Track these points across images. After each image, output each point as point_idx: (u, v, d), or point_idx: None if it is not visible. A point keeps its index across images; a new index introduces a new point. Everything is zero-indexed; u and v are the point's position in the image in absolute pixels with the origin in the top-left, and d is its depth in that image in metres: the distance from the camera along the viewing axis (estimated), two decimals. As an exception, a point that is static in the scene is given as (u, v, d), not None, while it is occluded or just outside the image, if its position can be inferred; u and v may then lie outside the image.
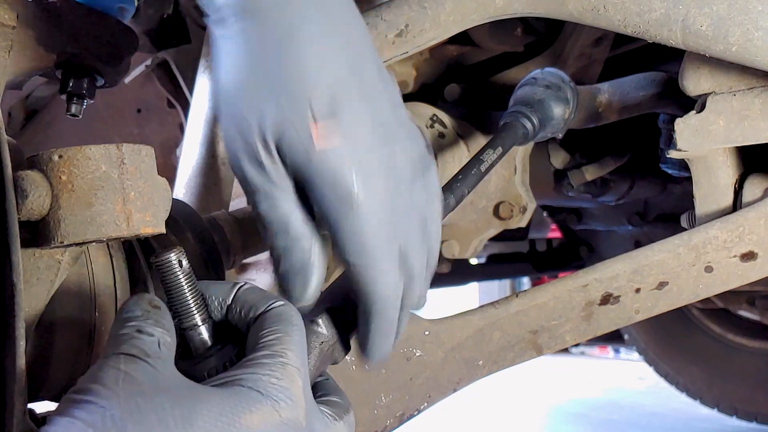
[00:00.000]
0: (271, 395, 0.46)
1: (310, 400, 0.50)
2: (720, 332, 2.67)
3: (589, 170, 1.67)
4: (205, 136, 1.04)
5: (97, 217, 0.52)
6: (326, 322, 0.60)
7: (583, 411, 3.52)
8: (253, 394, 0.45)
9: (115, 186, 0.52)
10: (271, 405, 0.45)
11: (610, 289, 0.94)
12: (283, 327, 0.50)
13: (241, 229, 0.91)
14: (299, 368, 0.49)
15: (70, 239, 0.52)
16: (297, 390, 0.47)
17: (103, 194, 0.52)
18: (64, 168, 0.51)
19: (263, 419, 0.44)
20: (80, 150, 0.52)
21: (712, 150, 0.94)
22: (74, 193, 0.51)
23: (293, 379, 0.48)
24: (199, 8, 0.55)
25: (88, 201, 0.52)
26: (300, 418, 0.47)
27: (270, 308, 0.52)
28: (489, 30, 1.31)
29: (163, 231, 0.56)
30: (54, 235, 0.52)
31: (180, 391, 0.44)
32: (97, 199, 0.52)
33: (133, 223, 0.53)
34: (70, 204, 0.52)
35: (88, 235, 0.52)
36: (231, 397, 0.45)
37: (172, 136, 1.62)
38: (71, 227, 0.51)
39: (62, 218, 0.51)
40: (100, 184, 0.52)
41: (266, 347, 0.49)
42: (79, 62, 0.83)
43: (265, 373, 0.47)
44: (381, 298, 0.56)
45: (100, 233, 0.52)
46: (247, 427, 0.44)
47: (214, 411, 0.43)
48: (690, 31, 0.81)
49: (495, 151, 0.94)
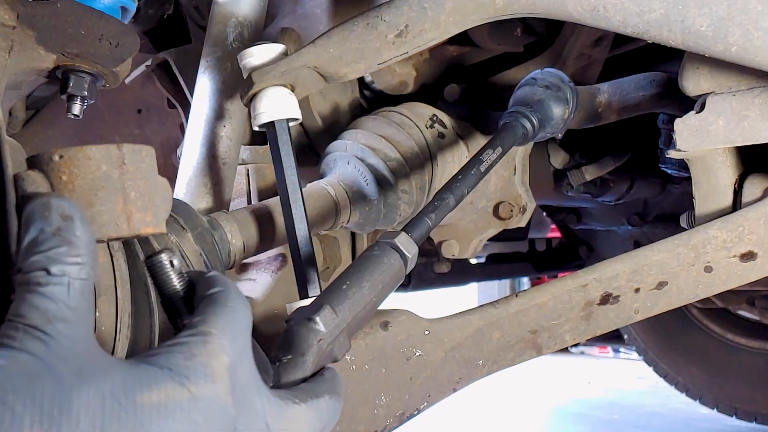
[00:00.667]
0: (181, 372, 0.44)
1: (247, 380, 0.49)
2: (720, 332, 2.67)
3: (589, 170, 1.67)
4: (205, 136, 1.04)
5: (98, 217, 0.52)
6: (325, 320, 0.60)
7: (583, 411, 3.52)
8: (156, 371, 0.43)
9: (116, 186, 0.52)
10: (178, 381, 0.44)
11: (609, 289, 0.94)
12: (213, 309, 0.50)
13: (241, 229, 0.91)
14: (226, 345, 0.47)
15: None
16: (218, 366, 0.46)
17: (104, 194, 0.52)
18: (64, 168, 0.51)
19: (166, 397, 0.43)
20: (81, 150, 0.52)
21: (712, 150, 0.94)
22: (75, 193, 0.51)
23: (214, 355, 0.46)
24: (199, 8, 0.55)
25: (89, 201, 0.52)
26: (221, 393, 0.45)
27: (207, 294, 0.52)
28: (489, 30, 1.31)
29: (163, 231, 0.56)
30: None
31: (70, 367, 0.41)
32: (98, 199, 0.52)
33: (134, 223, 0.53)
34: None
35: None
36: (132, 375, 0.43)
37: (173, 136, 1.62)
38: None
39: None
40: (100, 185, 0.52)
41: (190, 327, 0.48)
42: (80, 62, 0.83)
43: (181, 350, 0.45)
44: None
45: (100, 233, 0.52)
46: (143, 405, 0.42)
47: (105, 390, 0.41)
48: (690, 31, 0.81)
49: (495, 151, 0.94)
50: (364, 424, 0.92)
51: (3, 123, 0.52)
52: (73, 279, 0.43)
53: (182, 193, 1.02)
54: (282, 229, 0.96)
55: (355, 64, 0.92)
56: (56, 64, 0.82)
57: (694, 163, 0.97)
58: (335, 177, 1.14)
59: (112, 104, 1.68)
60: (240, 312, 0.51)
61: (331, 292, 0.65)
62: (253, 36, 1.09)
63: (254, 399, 0.49)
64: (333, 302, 0.63)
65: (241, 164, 1.21)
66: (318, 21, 1.24)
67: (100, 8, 0.85)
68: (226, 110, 1.05)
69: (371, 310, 0.68)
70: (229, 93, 1.06)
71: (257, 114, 0.91)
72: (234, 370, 0.48)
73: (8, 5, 0.75)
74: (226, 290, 0.52)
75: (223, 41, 1.07)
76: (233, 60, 1.04)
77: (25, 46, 0.78)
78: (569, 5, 0.85)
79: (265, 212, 0.97)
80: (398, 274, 0.72)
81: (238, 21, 1.07)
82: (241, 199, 1.23)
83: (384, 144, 1.16)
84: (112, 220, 0.52)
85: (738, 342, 2.64)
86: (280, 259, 1.23)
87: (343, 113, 1.37)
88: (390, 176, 1.14)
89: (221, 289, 0.52)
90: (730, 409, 2.64)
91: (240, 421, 0.47)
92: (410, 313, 0.96)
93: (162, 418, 0.42)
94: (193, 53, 1.33)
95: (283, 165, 0.90)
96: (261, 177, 1.23)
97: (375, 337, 0.93)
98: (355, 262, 0.71)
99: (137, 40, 0.88)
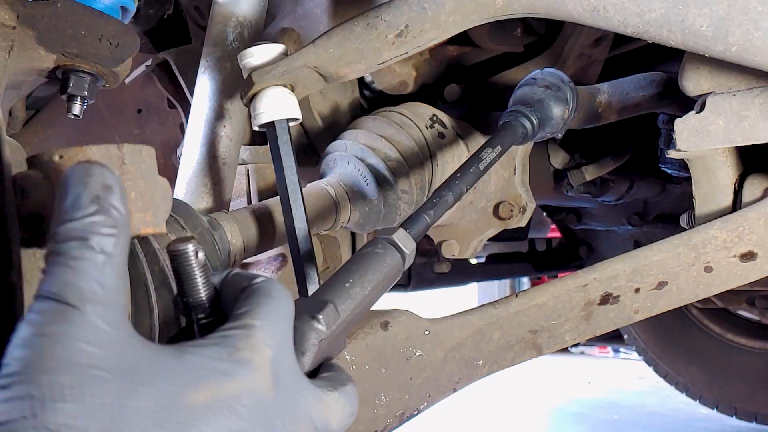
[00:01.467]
0: (226, 367, 0.44)
1: (289, 371, 0.49)
2: (720, 332, 2.68)
3: (589, 170, 1.67)
4: (205, 136, 1.04)
5: None
6: (328, 321, 0.60)
7: (583, 411, 3.52)
8: (202, 368, 0.43)
9: None
10: (225, 377, 0.43)
11: (609, 289, 0.94)
12: (256, 299, 0.49)
13: (241, 229, 0.91)
14: (269, 337, 0.47)
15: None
16: (261, 359, 0.46)
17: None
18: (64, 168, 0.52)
19: (212, 395, 0.42)
20: (81, 150, 0.52)
21: (712, 150, 0.94)
22: None
23: (257, 348, 0.46)
24: (199, 8, 0.55)
25: None
26: (264, 388, 0.45)
27: (250, 285, 0.51)
28: (489, 30, 1.31)
29: (163, 231, 0.56)
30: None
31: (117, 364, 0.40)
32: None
33: (134, 223, 0.52)
34: None
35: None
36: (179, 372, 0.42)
37: (173, 137, 1.63)
38: None
39: None
40: None
41: (233, 319, 0.48)
42: (80, 63, 0.83)
43: (225, 344, 0.45)
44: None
45: None
46: (193, 405, 0.41)
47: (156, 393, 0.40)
48: (690, 31, 0.81)
49: (494, 150, 0.94)
50: (364, 424, 0.92)
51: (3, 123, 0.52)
52: (108, 255, 0.41)
53: (182, 193, 1.02)
54: (282, 229, 0.96)
55: (355, 64, 0.92)
56: (56, 64, 0.82)
57: (694, 163, 0.97)
58: (335, 177, 1.14)
59: (112, 104, 1.68)
60: (283, 303, 0.51)
61: (334, 290, 0.64)
62: (253, 36, 1.09)
63: (296, 390, 0.49)
64: (336, 301, 0.63)
65: (241, 164, 1.21)
66: (318, 21, 1.24)
67: (100, 8, 0.85)
68: (226, 110, 1.05)
69: (367, 307, 0.68)
70: (229, 93, 1.06)
71: (257, 114, 0.91)
72: (276, 363, 0.47)
73: (8, 5, 0.75)
74: (268, 281, 0.52)
75: (223, 41, 1.07)
76: (233, 60, 1.04)
77: (25, 46, 0.78)
78: (569, 5, 0.85)
79: (265, 212, 0.97)
80: (396, 271, 0.72)
81: (238, 21, 1.07)
82: (241, 199, 1.23)
83: (384, 144, 1.16)
84: None
85: (738, 342, 2.64)
86: (280, 259, 1.23)
87: (343, 113, 1.37)
88: (390, 176, 1.14)
89: (263, 280, 0.51)
90: (730, 409, 2.64)
91: (284, 414, 0.47)
92: (410, 313, 0.96)
93: (210, 416, 0.42)
94: (193, 53, 1.33)
95: (283, 165, 0.90)
96: (261, 177, 1.23)
97: (375, 337, 0.93)
98: (355, 258, 0.70)
99: (137, 40, 0.89)
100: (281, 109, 0.91)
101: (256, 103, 0.92)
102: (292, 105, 0.93)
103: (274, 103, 0.91)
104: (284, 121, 0.91)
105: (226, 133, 1.05)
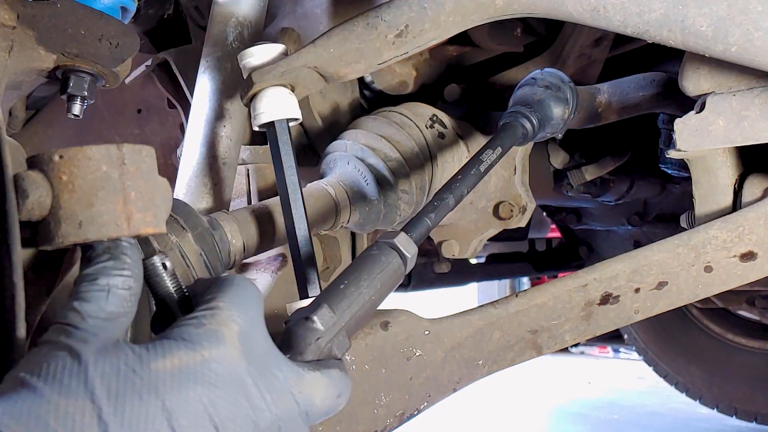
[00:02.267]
0: (193, 339, 0.47)
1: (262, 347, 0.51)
2: (720, 332, 2.68)
3: (589, 170, 1.67)
4: (205, 136, 1.04)
5: (98, 217, 0.52)
6: (323, 319, 0.60)
7: (583, 411, 3.52)
8: (169, 342, 0.47)
9: (116, 186, 0.52)
10: (191, 348, 0.47)
11: (609, 289, 0.94)
12: (220, 287, 0.52)
13: (241, 229, 0.91)
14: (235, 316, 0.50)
15: (70, 239, 0.52)
16: (228, 332, 0.49)
17: (104, 194, 0.52)
18: (64, 168, 0.51)
19: (179, 362, 0.46)
20: (81, 150, 0.52)
21: (712, 150, 0.94)
22: (75, 194, 0.51)
23: (223, 323, 0.49)
24: (199, 8, 0.55)
25: (89, 201, 0.52)
26: (234, 357, 0.48)
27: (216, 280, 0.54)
28: (489, 30, 1.31)
29: (164, 231, 0.56)
30: (55, 235, 0.52)
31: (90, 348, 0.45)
32: (98, 199, 0.52)
33: (134, 223, 0.53)
34: (71, 204, 0.51)
35: (88, 235, 0.51)
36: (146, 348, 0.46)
37: (173, 137, 1.62)
38: (72, 227, 0.51)
39: (63, 218, 0.51)
40: (100, 185, 0.52)
41: (200, 303, 0.51)
42: (80, 63, 0.83)
43: (192, 323, 0.49)
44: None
45: (100, 233, 0.52)
46: (158, 371, 0.45)
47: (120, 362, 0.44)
48: (690, 31, 0.81)
49: (494, 151, 0.94)
50: (364, 424, 0.92)
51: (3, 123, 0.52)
52: (116, 289, 0.49)
53: (182, 193, 1.02)
54: (282, 229, 0.96)
55: (355, 64, 0.92)
56: (56, 64, 0.82)
57: (694, 163, 0.97)
58: (335, 177, 1.14)
59: (112, 104, 1.68)
60: (247, 289, 0.54)
61: (329, 292, 0.65)
62: (253, 36, 1.09)
63: (272, 364, 0.51)
64: (330, 301, 0.63)
65: (241, 164, 1.21)
66: (318, 21, 1.24)
67: (100, 8, 0.85)
68: (226, 110, 1.05)
69: (371, 309, 0.68)
70: (229, 93, 1.06)
71: (257, 114, 0.91)
72: (246, 338, 0.50)
73: (8, 5, 0.75)
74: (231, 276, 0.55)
75: (223, 41, 1.07)
76: (233, 60, 1.04)
77: (25, 46, 0.78)
78: (569, 5, 0.85)
79: (265, 212, 0.97)
80: (397, 274, 0.73)
81: (238, 21, 1.07)
82: (241, 199, 1.23)
83: (384, 144, 1.16)
84: (112, 220, 0.52)
85: (738, 342, 2.64)
86: (280, 259, 1.23)
87: (343, 113, 1.37)
88: (390, 176, 1.14)
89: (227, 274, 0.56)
90: (730, 409, 2.64)
91: (261, 384, 0.49)
92: (410, 313, 0.96)
93: (177, 381, 0.45)
94: (193, 53, 1.33)
95: (283, 165, 0.90)
96: (261, 177, 1.23)
97: (375, 337, 0.93)
98: (354, 261, 0.71)
99: (137, 41, 0.89)
100: (281, 109, 0.91)
101: (256, 103, 0.92)
102: (292, 105, 0.93)
103: (274, 103, 0.91)
104: (284, 121, 0.91)
105: (226, 133, 1.05)
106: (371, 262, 0.70)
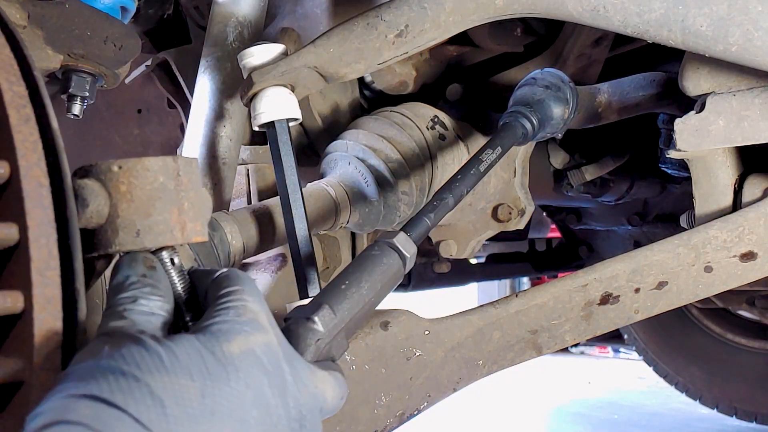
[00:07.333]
0: (240, 327, 0.49)
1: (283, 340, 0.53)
2: (720, 332, 2.67)
3: (589, 170, 1.67)
4: (205, 136, 1.04)
5: (155, 227, 0.53)
6: (324, 320, 0.60)
7: (583, 411, 3.52)
8: (225, 329, 0.49)
9: (172, 197, 0.53)
10: (243, 335, 0.49)
11: (609, 289, 0.94)
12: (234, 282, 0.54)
13: (241, 230, 0.91)
14: (259, 308, 0.52)
15: (126, 247, 0.53)
16: (263, 320, 0.51)
17: (161, 204, 0.53)
18: (123, 179, 0.52)
19: (240, 346, 0.48)
20: (139, 161, 0.53)
21: (712, 150, 0.94)
22: (133, 203, 0.52)
23: (255, 313, 0.51)
24: (199, 8, 0.56)
25: (147, 211, 0.53)
26: (273, 342, 0.50)
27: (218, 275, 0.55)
28: (489, 30, 1.31)
29: (207, 240, 0.58)
30: (112, 243, 0.52)
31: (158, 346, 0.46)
32: (155, 209, 0.53)
33: (187, 232, 0.54)
34: (129, 213, 0.52)
35: (146, 243, 0.53)
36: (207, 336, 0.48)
37: (173, 136, 1.63)
38: (130, 236, 0.52)
39: (121, 226, 0.52)
40: (157, 195, 0.53)
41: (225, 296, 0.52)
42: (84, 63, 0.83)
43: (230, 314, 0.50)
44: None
45: (156, 242, 0.53)
46: (231, 354, 0.47)
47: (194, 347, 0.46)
48: (690, 31, 0.81)
49: (494, 151, 0.94)
50: (364, 424, 0.92)
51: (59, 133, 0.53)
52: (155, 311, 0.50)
53: (182, 193, 1.02)
54: (282, 229, 0.96)
55: (355, 64, 0.92)
56: (62, 64, 0.82)
57: (694, 163, 0.97)
58: (335, 177, 1.14)
59: (112, 104, 1.68)
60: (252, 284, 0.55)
61: (330, 292, 0.65)
62: (253, 36, 1.09)
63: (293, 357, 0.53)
64: (332, 302, 0.63)
65: (241, 164, 1.21)
66: (318, 21, 1.24)
67: (100, 8, 0.85)
68: (226, 110, 1.05)
69: (370, 310, 0.68)
70: (229, 93, 1.06)
71: (257, 114, 0.91)
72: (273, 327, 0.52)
73: (19, 4, 0.75)
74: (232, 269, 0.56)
75: (223, 41, 1.07)
76: (233, 60, 1.04)
77: (33, 45, 0.78)
78: (569, 5, 0.85)
79: (265, 212, 0.97)
80: (397, 274, 0.72)
81: (238, 21, 1.07)
82: (241, 199, 1.23)
83: (385, 145, 1.16)
84: (168, 229, 0.53)
85: (738, 342, 2.64)
86: (280, 259, 1.23)
87: (343, 113, 1.37)
88: (390, 177, 1.14)
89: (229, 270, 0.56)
90: (730, 409, 2.64)
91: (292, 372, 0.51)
92: (410, 313, 0.96)
93: (244, 364, 0.47)
94: (193, 53, 1.33)
95: (283, 165, 0.90)
96: (261, 177, 1.23)
97: (375, 337, 0.93)
98: (354, 261, 0.71)
99: (139, 43, 0.89)
100: (281, 109, 0.91)
101: (256, 103, 0.92)
102: (292, 105, 0.93)
103: (274, 103, 0.91)
104: (284, 121, 0.91)
105: (226, 133, 1.05)
106: (372, 262, 0.70)
